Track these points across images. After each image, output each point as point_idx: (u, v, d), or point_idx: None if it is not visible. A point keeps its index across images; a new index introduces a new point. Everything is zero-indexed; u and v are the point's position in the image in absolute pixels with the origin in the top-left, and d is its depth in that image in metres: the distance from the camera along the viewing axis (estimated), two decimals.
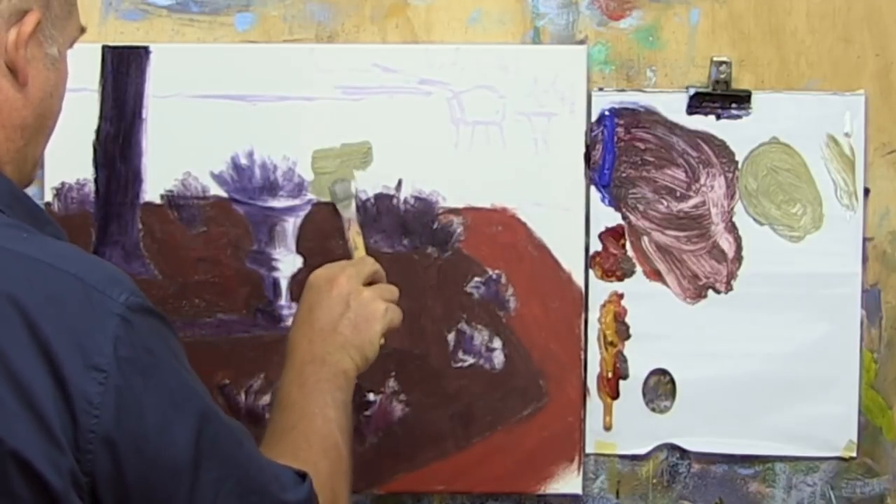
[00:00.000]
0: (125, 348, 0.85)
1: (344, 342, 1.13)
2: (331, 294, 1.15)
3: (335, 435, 1.07)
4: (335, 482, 1.04)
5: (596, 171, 1.37)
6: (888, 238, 1.38)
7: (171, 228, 1.36)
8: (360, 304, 1.15)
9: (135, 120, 1.35)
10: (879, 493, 1.40)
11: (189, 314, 1.35)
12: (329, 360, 1.12)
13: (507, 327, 1.36)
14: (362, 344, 1.14)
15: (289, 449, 1.03)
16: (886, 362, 1.39)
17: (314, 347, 1.12)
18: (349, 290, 1.15)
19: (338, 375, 1.11)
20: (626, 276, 1.37)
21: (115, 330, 0.85)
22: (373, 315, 1.15)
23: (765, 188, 1.37)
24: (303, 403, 1.08)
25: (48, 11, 0.94)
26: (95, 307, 0.85)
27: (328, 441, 1.06)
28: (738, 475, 1.39)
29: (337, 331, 1.13)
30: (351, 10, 1.37)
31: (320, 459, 1.03)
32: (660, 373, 1.38)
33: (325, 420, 1.07)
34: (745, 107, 1.36)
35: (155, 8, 1.37)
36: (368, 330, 1.15)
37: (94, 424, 0.83)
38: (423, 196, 1.35)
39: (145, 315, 0.88)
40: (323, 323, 1.14)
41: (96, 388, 0.83)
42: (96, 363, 0.84)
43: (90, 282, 0.86)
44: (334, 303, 1.15)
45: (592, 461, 1.38)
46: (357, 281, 1.17)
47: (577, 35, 1.37)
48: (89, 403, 0.83)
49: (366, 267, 1.20)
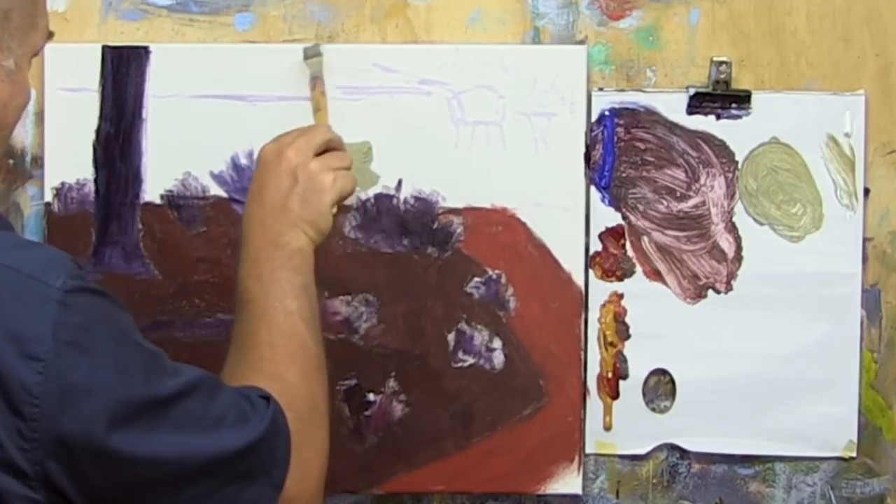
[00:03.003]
0: (65, 332, 0.85)
1: (295, 218, 1.10)
2: (279, 168, 1.11)
3: (299, 330, 1.04)
4: (308, 386, 1.02)
5: (596, 171, 1.37)
6: (888, 238, 1.38)
7: (171, 228, 1.36)
8: (308, 176, 1.11)
9: (135, 120, 1.35)
10: (879, 493, 1.40)
11: (189, 314, 1.35)
12: (282, 241, 1.09)
13: (507, 327, 1.36)
14: (314, 218, 1.11)
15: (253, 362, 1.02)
16: (886, 362, 1.39)
17: (266, 229, 1.09)
18: (297, 163, 1.11)
19: (293, 256, 1.08)
20: (626, 276, 1.37)
21: (53, 315, 0.84)
22: (321, 186, 1.11)
23: (765, 188, 1.37)
24: (261, 299, 1.05)
25: (6, 23, 0.93)
26: (32, 296, 0.85)
27: (292, 340, 1.04)
28: (738, 475, 1.39)
29: (287, 207, 1.10)
30: (351, 10, 1.37)
31: (285, 366, 1.01)
32: (660, 373, 1.38)
33: (286, 314, 1.04)
34: (745, 107, 1.36)
35: (155, 8, 1.37)
36: (318, 202, 1.11)
37: (37, 413, 0.83)
38: (423, 196, 1.35)
39: (84, 294, 0.87)
40: (273, 200, 1.10)
41: (35, 378, 0.83)
42: (34, 353, 0.84)
43: (25, 271, 0.86)
44: (282, 177, 1.11)
45: (592, 461, 1.38)
46: (306, 152, 1.13)
47: (577, 35, 1.37)
48: (29, 394, 0.83)
49: (316, 136, 1.16)
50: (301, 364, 1.03)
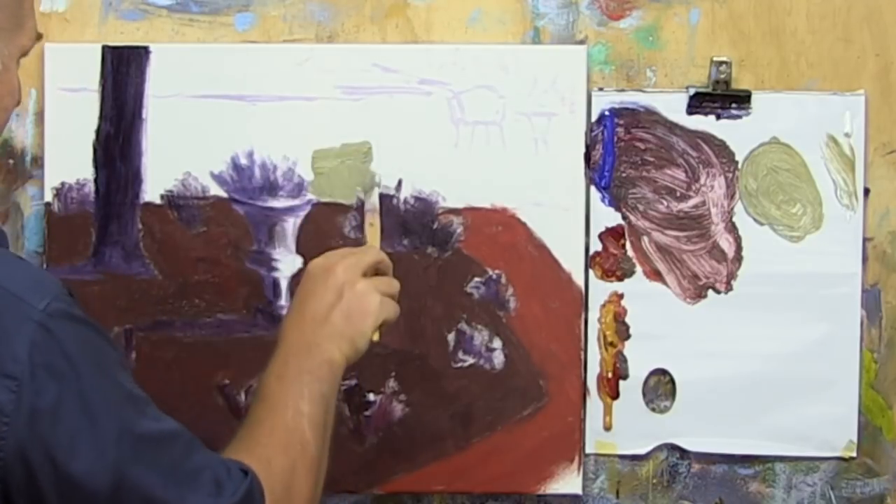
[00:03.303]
0: (40, 355, 0.84)
1: (333, 332, 1.10)
2: (326, 283, 1.12)
3: (303, 430, 1.03)
4: (293, 478, 1.00)
5: (596, 171, 1.37)
6: (888, 238, 1.38)
7: (171, 228, 1.36)
8: (355, 294, 1.11)
9: (135, 120, 1.35)
10: (879, 493, 1.40)
11: (189, 314, 1.35)
12: (315, 350, 1.08)
13: (507, 327, 1.36)
14: (353, 336, 1.10)
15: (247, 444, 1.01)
16: (886, 362, 1.39)
17: (303, 336, 1.09)
18: (344, 280, 1.12)
19: (321, 366, 1.08)
20: (626, 276, 1.37)
21: (31, 336, 0.84)
22: (366, 307, 1.11)
23: (765, 188, 1.37)
24: (277, 396, 1.05)
25: None
26: (13, 314, 0.85)
27: (293, 436, 1.03)
28: (738, 475, 1.39)
29: (328, 320, 1.10)
30: (351, 10, 1.37)
31: (277, 454, 1.00)
32: (660, 373, 1.38)
33: (296, 413, 1.04)
34: (745, 107, 1.36)
35: (155, 8, 1.37)
36: (361, 322, 1.11)
37: (6, 432, 0.83)
38: (423, 196, 1.35)
39: (68, 321, 0.87)
40: (314, 312, 1.10)
41: (8, 396, 0.83)
42: (9, 371, 0.84)
43: (10, 289, 0.86)
44: (328, 292, 1.11)
45: (592, 461, 1.38)
46: (355, 271, 1.13)
47: (577, 35, 1.37)
48: (0, 411, 0.83)
49: (366, 256, 1.16)
50: (294, 459, 1.01)
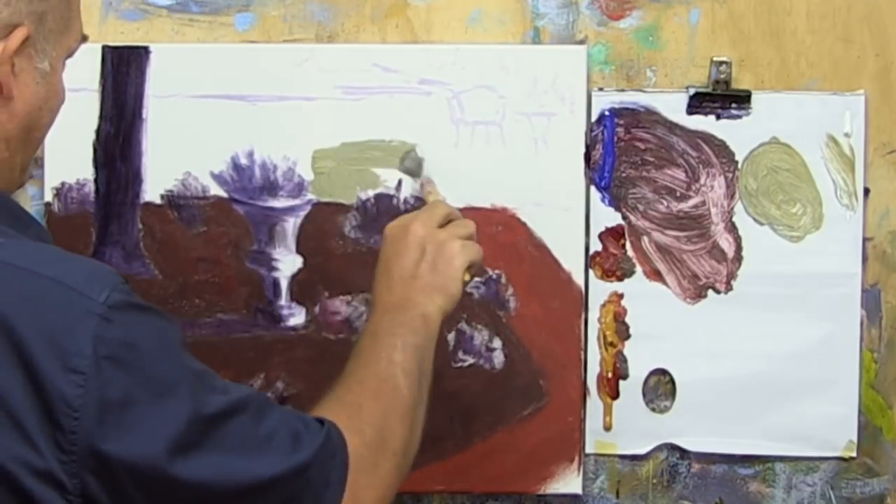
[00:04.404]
0: (105, 347, 0.84)
1: (423, 285, 1.12)
2: (406, 241, 1.15)
3: (395, 377, 1.04)
4: (385, 422, 1.00)
5: (596, 171, 1.37)
6: (888, 238, 1.38)
7: (171, 228, 1.36)
8: (436, 245, 1.15)
9: (135, 120, 1.35)
10: (879, 493, 1.40)
11: (189, 314, 1.35)
12: (408, 305, 1.11)
13: (507, 327, 1.36)
14: (444, 283, 1.13)
15: (338, 393, 1.02)
16: (886, 362, 1.39)
17: (394, 295, 1.12)
18: (423, 234, 1.15)
19: (414, 319, 1.10)
20: (626, 276, 1.37)
21: (94, 330, 0.84)
22: (450, 253, 1.14)
23: (765, 188, 1.37)
24: (370, 349, 1.07)
25: (40, 26, 0.93)
26: (74, 309, 0.85)
27: (386, 383, 1.04)
28: (738, 475, 1.39)
29: (417, 276, 1.13)
30: (351, 10, 1.37)
31: (367, 400, 1.01)
32: (660, 373, 1.38)
33: (389, 363, 1.05)
34: (745, 107, 1.36)
35: (155, 8, 1.37)
36: (448, 269, 1.14)
37: (76, 426, 0.83)
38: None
39: (129, 310, 0.87)
40: (402, 270, 1.13)
41: (75, 391, 0.83)
42: (75, 366, 0.83)
43: (68, 283, 0.86)
44: (410, 249, 1.14)
45: (592, 461, 1.38)
46: (431, 224, 1.17)
47: (577, 35, 1.37)
48: (69, 406, 0.83)
49: (437, 210, 1.20)
50: (385, 403, 1.02)
